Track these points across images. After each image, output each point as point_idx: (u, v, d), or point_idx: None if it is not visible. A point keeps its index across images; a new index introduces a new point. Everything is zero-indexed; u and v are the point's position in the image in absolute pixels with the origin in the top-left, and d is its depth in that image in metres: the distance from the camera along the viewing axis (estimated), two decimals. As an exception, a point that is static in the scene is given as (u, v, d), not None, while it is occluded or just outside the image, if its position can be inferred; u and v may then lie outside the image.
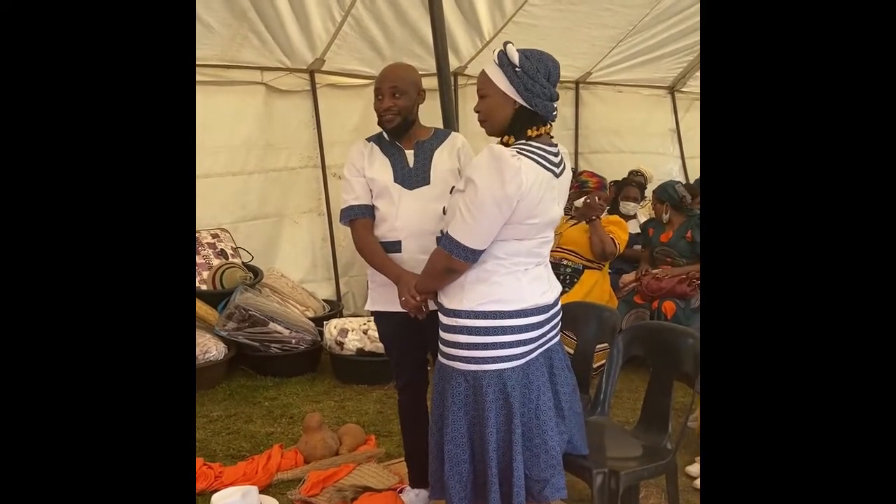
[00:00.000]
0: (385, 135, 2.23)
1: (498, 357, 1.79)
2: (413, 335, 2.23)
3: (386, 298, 2.21)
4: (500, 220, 1.72)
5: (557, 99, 1.78)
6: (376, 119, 2.19)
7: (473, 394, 1.81)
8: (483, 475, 1.83)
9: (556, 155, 1.81)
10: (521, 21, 4.73)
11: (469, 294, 1.79)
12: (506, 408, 1.80)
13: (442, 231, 1.83)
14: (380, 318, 2.31)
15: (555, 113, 1.79)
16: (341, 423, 3.13)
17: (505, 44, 1.75)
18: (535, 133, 1.77)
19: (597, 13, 4.98)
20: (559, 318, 1.96)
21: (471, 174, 1.72)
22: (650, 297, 3.83)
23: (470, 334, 1.79)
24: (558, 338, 1.97)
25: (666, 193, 4.09)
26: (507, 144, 1.77)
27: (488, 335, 1.78)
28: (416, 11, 4.25)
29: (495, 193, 1.67)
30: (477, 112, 1.83)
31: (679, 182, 4.34)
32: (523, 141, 1.76)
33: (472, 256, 1.75)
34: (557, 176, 1.80)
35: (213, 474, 2.65)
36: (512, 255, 1.79)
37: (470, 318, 1.79)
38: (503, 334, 1.78)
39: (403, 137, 2.19)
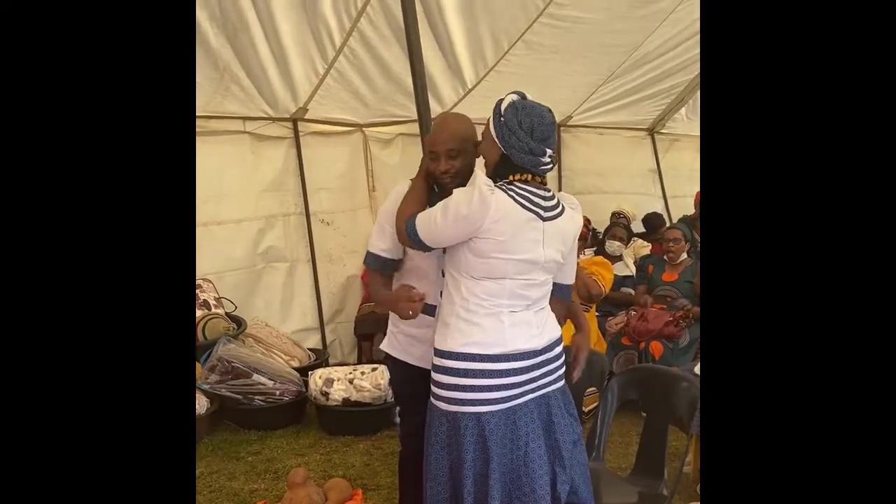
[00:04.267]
0: (436, 187, 2.08)
1: (476, 400, 1.80)
2: (425, 388, 2.18)
3: (404, 349, 2.15)
4: (455, 234, 1.79)
5: (541, 154, 1.79)
6: (364, 166, 2.14)
7: (454, 435, 1.82)
8: None
9: (547, 199, 1.84)
10: (502, 70, 4.81)
11: (453, 334, 1.82)
12: (483, 452, 1.79)
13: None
14: (395, 364, 2.23)
15: (542, 167, 1.81)
16: (327, 478, 3.04)
17: (511, 93, 1.84)
18: (519, 178, 1.81)
19: (576, 60, 5.08)
20: (557, 364, 1.93)
21: (454, 190, 1.84)
22: (637, 339, 3.80)
23: (450, 375, 1.82)
24: (559, 384, 1.94)
25: (691, 233, 4.02)
26: None
27: (467, 377, 1.80)
28: (399, 63, 4.31)
29: (460, 210, 1.76)
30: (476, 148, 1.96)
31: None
32: (507, 181, 1.82)
33: (419, 245, 1.86)
34: (544, 219, 1.81)
35: (194, 536, 2.55)
36: (492, 295, 1.81)
37: (451, 360, 1.81)
38: (481, 377, 1.79)
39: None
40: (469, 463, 1.78)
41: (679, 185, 6.76)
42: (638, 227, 5.93)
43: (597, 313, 4.02)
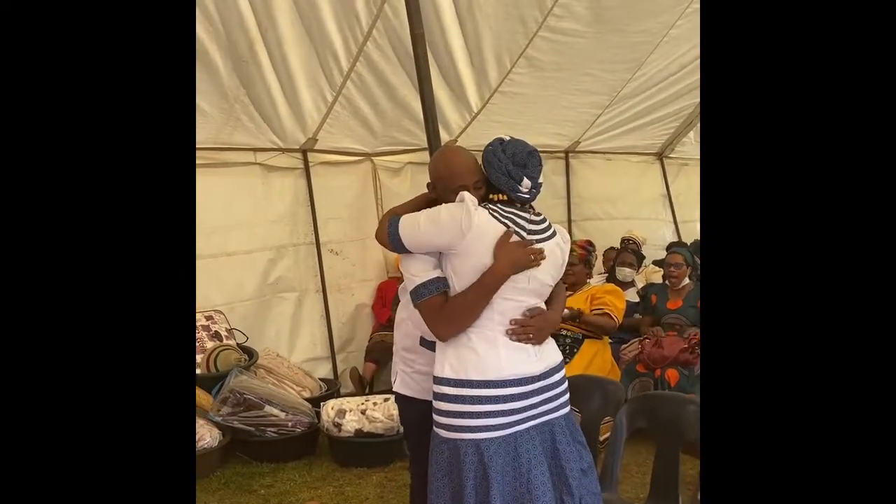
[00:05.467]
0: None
1: (475, 426, 1.79)
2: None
3: (421, 387, 2.12)
4: (437, 238, 1.83)
5: (518, 179, 1.85)
6: (373, 195, 2.15)
7: (454, 463, 1.80)
8: None
9: (533, 223, 1.88)
10: (506, 90, 4.85)
11: (450, 359, 1.83)
12: (483, 479, 1.77)
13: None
14: (409, 403, 2.20)
15: (518, 194, 1.86)
16: (340, 510, 3.01)
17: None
18: (498, 198, 1.88)
19: (578, 78, 5.10)
20: (558, 391, 1.91)
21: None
22: (653, 366, 3.76)
23: (448, 402, 1.82)
24: (563, 412, 1.92)
25: (693, 259, 4.04)
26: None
27: (464, 404, 1.79)
28: (405, 88, 4.35)
29: (441, 214, 1.82)
30: None
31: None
32: (487, 201, 1.89)
33: (394, 243, 1.88)
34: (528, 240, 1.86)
35: (205, 572, 2.51)
36: (483, 318, 1.82)
37: (449, 386, 1.81)
38: (479, 403, 1.79)
39: None
40: (469, 490, 1.77)
41: (689, 210, 6.74)
42: (649, 251, 5.89)
43: (610, 340, 3.98)
